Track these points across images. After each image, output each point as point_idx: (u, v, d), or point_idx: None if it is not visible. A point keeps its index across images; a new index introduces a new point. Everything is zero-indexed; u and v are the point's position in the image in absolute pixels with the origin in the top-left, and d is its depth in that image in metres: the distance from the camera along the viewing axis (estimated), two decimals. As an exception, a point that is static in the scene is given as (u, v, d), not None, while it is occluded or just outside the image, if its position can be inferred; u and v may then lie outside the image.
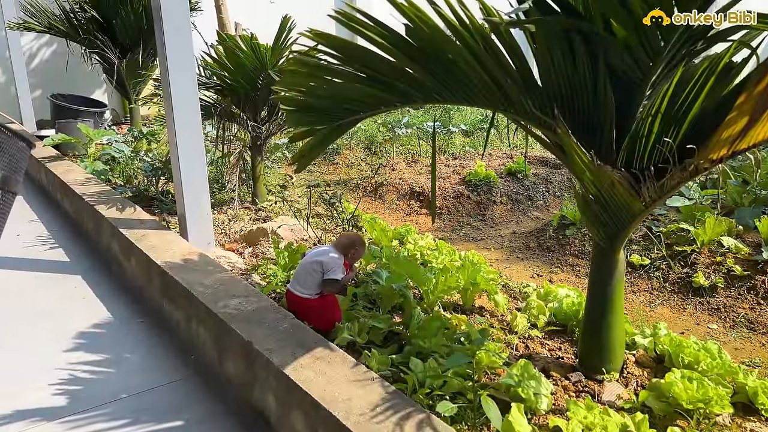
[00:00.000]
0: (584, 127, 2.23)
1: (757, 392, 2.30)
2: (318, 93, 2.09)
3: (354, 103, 2.10)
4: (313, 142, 2.24)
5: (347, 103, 2.09)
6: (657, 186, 2.08)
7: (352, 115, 2.13)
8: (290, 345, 2.52)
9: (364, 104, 2.10)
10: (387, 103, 2.11)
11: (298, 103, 2.15)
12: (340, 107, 2.11)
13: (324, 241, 4.18)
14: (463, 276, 3.29)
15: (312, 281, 2.95)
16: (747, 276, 4.00)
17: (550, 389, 2.37)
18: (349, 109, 2.11)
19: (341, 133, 2.27)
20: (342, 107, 2.11)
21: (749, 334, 3.65)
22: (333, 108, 2.11)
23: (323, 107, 2.13)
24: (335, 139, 2.30)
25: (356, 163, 8.18)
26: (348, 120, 2.16)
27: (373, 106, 2.11)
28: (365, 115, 2.16)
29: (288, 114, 2.21)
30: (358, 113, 2.13)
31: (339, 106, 2.10)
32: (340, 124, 2.18)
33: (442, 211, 6.27)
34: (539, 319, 3.09)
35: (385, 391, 2.18)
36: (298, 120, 2.22)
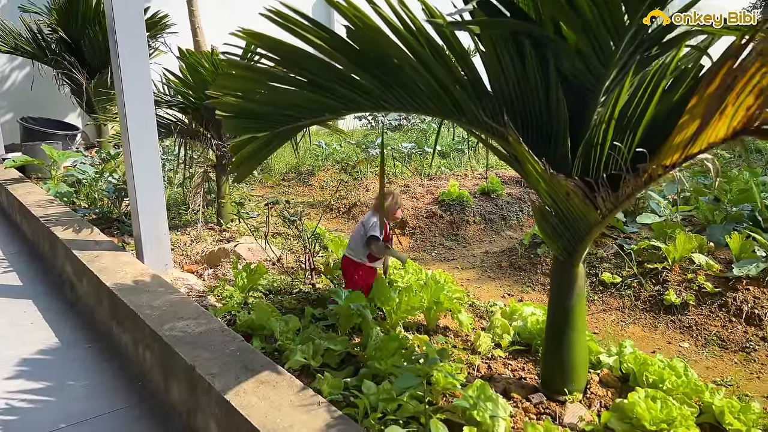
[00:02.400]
0: (538, 136, 2.15)
1: (723, 412, 2.19)
2: (256, 98, 1.99)
3: (296, 109, 1.99)
4: (252, 150, 2.12)
5: (288, 109, 1.99)
6: (612, 195, 1.99)
7: (294, 122, 2.02)
8: (235, 369, 2.37)
9: (308, 110, 2.00)
10: (332, 109, 2.01)
11: (236, 109, 2.04)
12: (280, 113, 2.00)
13: (284, 260, 4.04)
14: (426, 295, 3.17)
15: (359, 244, 3.43)
16: (718, 293, 3.92)
17: (509, 411, 2.24)
18: (290, 116, 2.01)
19: (284, 140, 2.17)
20: (283, 113, 2.00)
21: (721, 352, 3.56)
22: (273, 114, 2.01)
23: (263, 113, 2.03)
24: (277, 147, 2.19)
25: (331, 184, 8.08)
26: (290, 126, 2.06)
27: (317, 113, 2.01)
28: (309, 122, 2.05)
29: (225, 120, 2.10)
30: (300, 120, 2.02)
31: (279, 111, 2.00)
32: (282, 131, 2.07)
33: (415, 230, 6.16)
34: (503, 339, 2.98)
35: (331, 416, 2.04)
36: (237, 126, 2.11)
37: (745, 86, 1.52)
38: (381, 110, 2.08)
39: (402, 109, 2.09)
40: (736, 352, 3.54)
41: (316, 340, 2.80)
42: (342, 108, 2.01)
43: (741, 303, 3.80)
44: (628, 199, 2.02)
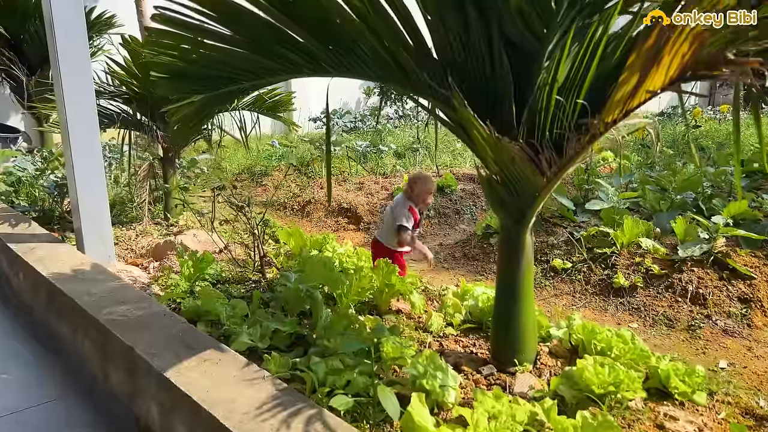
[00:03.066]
0: (484, 101, 2.14)
1: (669, 375, 2.21)
2: (192, 57, 1.92)
3: (234, 70, 1.93)
4: (191, 112, 2.04)
5: (226, 70, 1.93)
6: (557, 158, 1.99)
7: (233, 84, 1.96)
8: (177, 348, 2.28)
9: (247, 72, 1.94)
10: (273, 71, 1.95)
11: (172, 70, 1.97)
12: (218, 74, 1.94)
13: (233, 249, 3.94)
14: (377, 277, 3.13)
15: (390, 229, 3.38)
16: (665, 275, 4.00)
17: (459, 382, 2.21)
18: (229, 77, 1.94)
19: (221, 102, 2.10)
20: (221, 74, 1.94)
21: (668, 331, 3.63)
22: (211, 75, 1.94)
23: (199, 74, 1.95)
24: (215, 109, 2.11)
25: (286, 184, 7.97)
26: (229, 89, 1.99)
27: (256, 75, 1.94)
28: (249, 84, 1.99)
29: (160, 81, 2.02)
30: (239, 82, 1.96)
31: (217, 72, 1.93)
32: (221, 93, 1.99)
33: (370, 225, 6.12)
34: (455, 318, 2.96)
35: (275, 389, 1.97)
36: (173, 88, 2.03)
37: (680, 35, 1.54)
38: (325, 74, 2.04)
39: (347, 73, 2.05)
40: (683, 331, 3.61)
41: (263, 322, 2.72)
42: (283, 71, 1.96)
43: (686, 284, 3.89)
44: (572, 161, 2.02)
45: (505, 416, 1.90)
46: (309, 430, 1.73)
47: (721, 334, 3.54)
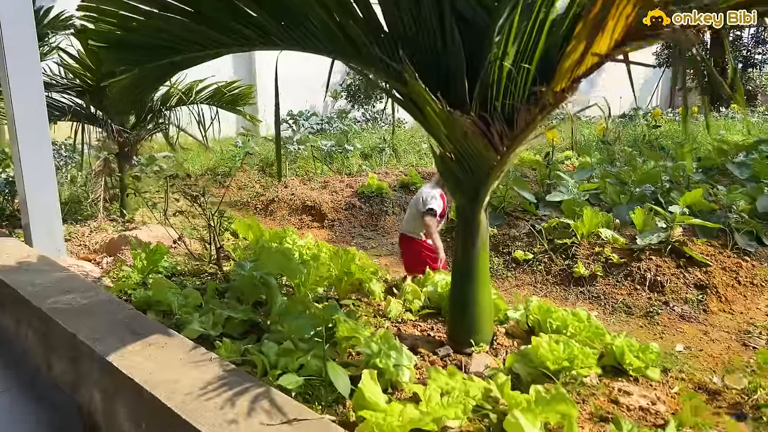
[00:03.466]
0: (436, 75, 2.11)
1: (623, 351, 2.21)
2: (131, 25, 1.84)
3: (179, 41, 1.87)
4: (128, 83, 1.96)
5: (170, 40, 1.86)
6: (508, 131, 1.98)
7: (175, 54, 1.89)
8: (121, 334, 2.19)
9: (193, 43, 1.88)
10: (220, 43, 1.90)
11: (110, 38, 1.89)
12: (161, 44, 1.87)
13: (187, 240, 3.84)
14: (335, 265, 3.08)
15: (414, 218, 3.37)
16: (624, 264, 4.04)
17: (415, 363, 2.17)
18: (173, 48, 1.88)
19: (164, 74, 2.02)
20: (164, 45, 1.87)
21: (627, 318, 3.66)
22: (151, 44, 1.87)
23: (139, 42, 1.88)
24: (157, 81, 2.04)
25: (249, 184, 7.87)
26: (171, 60, 1.92)
27: (203, 46, 1.88)
28: (195, 56, 1.93)
29: (99, 51, 1.93)
30: (184, 52, 1.89)
31: (160, 43, 1.87)
32: (163, 64, 1.92)
33: (334, 222, 6.07)
34: (414, 304, 2.92)
35: (222, 370, 1.91)
36: (113, 58, 1.95)
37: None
38: (274, 47, 1.99)
39: (297, 47, 2.01)
40: (641, 317, 3.65)
41: (216, 310, 2.64)
42: (231, 43, 1.90)
43: (644, 272, 3.94)
44: (524, 134, 2.01)
45: (458, 392, 1.87)
46: (255, 407, 1.67)
47: (678, 319, 3.59)
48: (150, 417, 1.79)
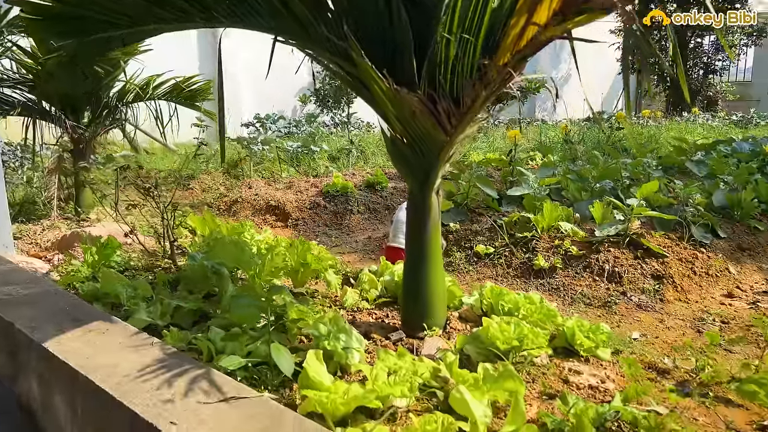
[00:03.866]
0: (382, 55, 2.09)
1: (574, 332, 2.21)
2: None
3: (114, 15, 1.82)
4: (65, 59, 1.89)
5: (105, 14, 1.81)
6: (455, 110, 1.97)
7: (113, 29, 1.84)
8: (61, 321, 2.12)
9: (132, 19, 1.82)
10: (158, 18, 1.85)
11: (42, 9, 1.83)
12: (96, 18, 1.81)
13: (138, 233, 3.74)
14: (291, 255, 3.03)
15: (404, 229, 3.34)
16: (583, 255, 4.07)
17: (366, 346, 2.14)
18: (110, 22, 1.82)
19: (101, 50, 1.97)
20: (100, 18, 1.81)
21: (586, 309, 3.68)
22: (89, 18, 1.81)
23: (75, 16, 1.82)
24: (95, 57, 1.98)
25: (214, 187, 7.75)
26: (109, 35, 1.87)
27: (143, 21, 1.83)
28: (134, 31, 1.87)
29: (35, 24, 1.86)
30: (121, 27, 1.84)
31: (95, 15, 1.81)
32: (98, 39, 1.87)
33: (298, 221, 6.01)
34: (370, 293, 2.89)
35: (163, 353, 1.85)
36: (49, 32, 1.87)
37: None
38: (218, 24, 1.95)
39: (240, 24, 1.97)
40: (599, 308, 3.67)
41: (165, 300, 2.58)
42: (170, 18, 1.86)
43: (603, 263, 3.97)
44: (471, 112, 2.00)
45: (405, 371, 1.84)
46: (192, 387, 1.62)
47: (635, 308, 3.62)
48: (85, 401, 1.73)
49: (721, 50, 17.91)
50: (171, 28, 1.94)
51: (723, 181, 5.41)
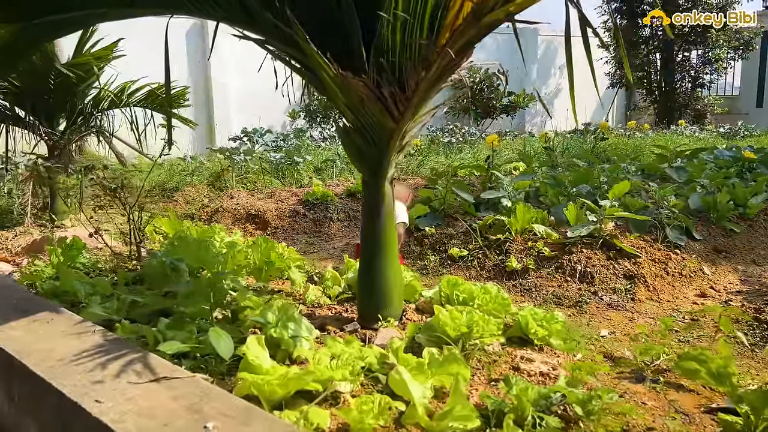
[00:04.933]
0: (333, 42, 2.10)
1: (528, 321, 2.19)
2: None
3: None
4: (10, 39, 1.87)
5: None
6: (401, 95, 1.97)
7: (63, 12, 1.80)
8: (7, 313, 2.10)
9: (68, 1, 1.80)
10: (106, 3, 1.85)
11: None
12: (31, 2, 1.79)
13: (106, 234, 3.71)
14: (255, 253, 3.02)
15: None
16: (555, 257, 4.06)
17: (315, 335, 2.12)
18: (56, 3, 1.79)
19: (41, 36, 1.95)
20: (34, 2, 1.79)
21: (556, 308, 3.66)
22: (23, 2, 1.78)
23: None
24: (34, 46, 1.96)
25: (198, 199, 7.73)
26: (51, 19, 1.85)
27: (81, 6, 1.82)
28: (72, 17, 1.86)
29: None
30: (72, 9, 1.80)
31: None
32: (46, 23, 1.85)
33: (277, 229, 5.99)
34: (333, 290, 2.87)
35: (103, 339, 1.83)
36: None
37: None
38: (164, 11, 1.96)
39: (185, 10, 1.98)
40: (570, 307, 3.65)
41: (122, 296, 2.55)
42: (112, 2, 1.86)
43: (575, 264, 3.96)
44: (417, 98, 2.00)
45: (347, 355, 1.82)
46: (126, 369, 1.60)
47: (606, 307, 3.60)
48: (21, 386, 1.70)
49: (708, 64, 18.09)
50: (118, 16, 1.94)
51: (700, 184, 5.42)
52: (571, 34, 1.93)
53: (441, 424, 1.57)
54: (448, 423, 1.56)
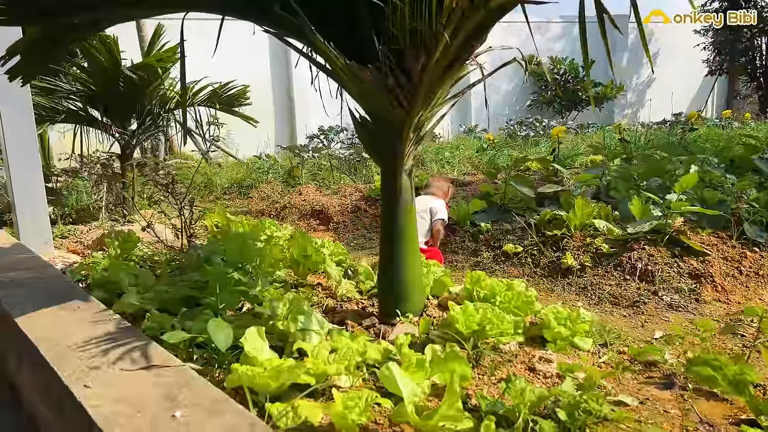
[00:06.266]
0: (342, 32, 2.08)
1: (549, 320, 2.07)
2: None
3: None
4: (22, 47, 1.95)
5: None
6: (406, 81, 1.91)
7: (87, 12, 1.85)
8: (42, 301, 2.22)
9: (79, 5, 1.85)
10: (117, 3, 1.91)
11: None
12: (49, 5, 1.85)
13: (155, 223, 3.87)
14: (293, 247, 3.05)
15: (422, 229, 3.59)
16: (614, 254, 3.83)
17: (328, 329, 2.10)
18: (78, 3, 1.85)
19: (63, 36, 2.03)
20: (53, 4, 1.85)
21: (612, 309, 3.45)
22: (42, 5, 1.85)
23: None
24: (59, 45, 2.04)
25: (272, 196, 7.97)
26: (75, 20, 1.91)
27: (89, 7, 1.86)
28: (88, 19, 1.92)
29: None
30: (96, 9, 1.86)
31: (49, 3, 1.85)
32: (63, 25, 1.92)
33: (339, 225, 6.05)
34: (365, 284, 2.85)
35: (116, 328, 1.90)
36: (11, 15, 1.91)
37: None
38: (161, 11, 1.99)
39: (192, 5, 2.01)
40: (627, 307, 3.43)
41: (157, 287, 2.65)
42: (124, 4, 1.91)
43: (635, 261, 3.72)
44: (424, 87, 1.93)
45: (346, 349, 1.79)
46: (124, 357, 1.65)
47: (666, 308, 3.35)
48: (34, 368, 1.80)
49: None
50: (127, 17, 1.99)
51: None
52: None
53: (429, 423, 1.50)
54: (436, 423, 1.50)
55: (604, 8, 1.69)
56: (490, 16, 1.86)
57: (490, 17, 1.87)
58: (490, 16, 1.86)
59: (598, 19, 1.72)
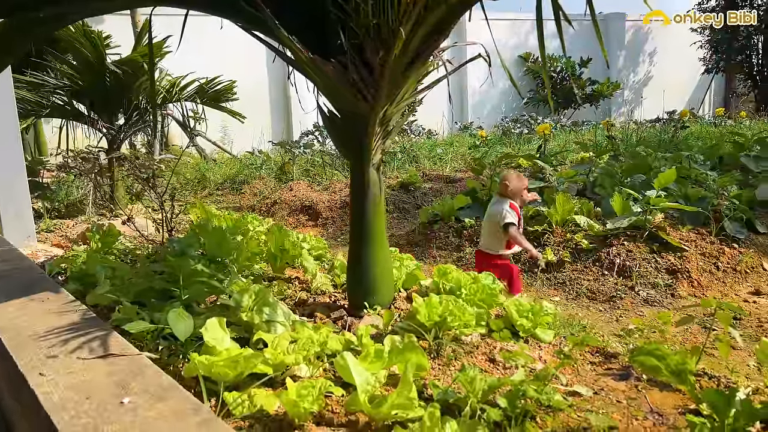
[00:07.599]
0: (309, 27, 2.10)
1: (512, 313, 2.09)
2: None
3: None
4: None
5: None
6: (367, 74, 1.93)
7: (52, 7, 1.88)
8: (12, 292, 2.25)
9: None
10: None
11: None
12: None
13: (141, 217, 3.91)
14: (270, 241, 3.07)
15: (492, 234, 3.15)
16: (594, 249, 3.86)
17: (293, 320, 2.12)
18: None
19: (30, 28, 2.04)
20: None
21: (588, 303, 3.48)
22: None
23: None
24: (23, 33, 2.04)
25: (264, 192, 7.99)
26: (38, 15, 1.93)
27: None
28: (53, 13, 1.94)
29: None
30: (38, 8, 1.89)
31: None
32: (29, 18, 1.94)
33: (327, 221, 6.08)
34: (340, 278, 2.87)
35: (80, 318, 1.93)
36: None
37: None
38: (145, 4, 2.01)
39: (172, 2, 2.03)
40: (604, 302, 3.46)
41: (133, 279, 2.67)
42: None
43: (614, 257, 3.74)
44: (384, 79, 1.95)
45: (305, 340, 1.81)
46: (83, 347, 1.68)
47: (642, 303, 3.38)
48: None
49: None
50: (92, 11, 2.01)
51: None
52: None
53: (381, 411, 1.53)
54: (388, 411, 1.52)
55: (559, 6, 1.72)
56: (451, 12, 1.88)
57: (452, 13, 1.89)
58: (452, 11, 1.88)
59: (555, 18, 1.74)
